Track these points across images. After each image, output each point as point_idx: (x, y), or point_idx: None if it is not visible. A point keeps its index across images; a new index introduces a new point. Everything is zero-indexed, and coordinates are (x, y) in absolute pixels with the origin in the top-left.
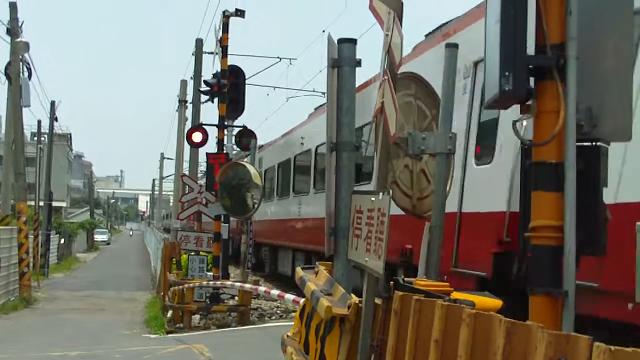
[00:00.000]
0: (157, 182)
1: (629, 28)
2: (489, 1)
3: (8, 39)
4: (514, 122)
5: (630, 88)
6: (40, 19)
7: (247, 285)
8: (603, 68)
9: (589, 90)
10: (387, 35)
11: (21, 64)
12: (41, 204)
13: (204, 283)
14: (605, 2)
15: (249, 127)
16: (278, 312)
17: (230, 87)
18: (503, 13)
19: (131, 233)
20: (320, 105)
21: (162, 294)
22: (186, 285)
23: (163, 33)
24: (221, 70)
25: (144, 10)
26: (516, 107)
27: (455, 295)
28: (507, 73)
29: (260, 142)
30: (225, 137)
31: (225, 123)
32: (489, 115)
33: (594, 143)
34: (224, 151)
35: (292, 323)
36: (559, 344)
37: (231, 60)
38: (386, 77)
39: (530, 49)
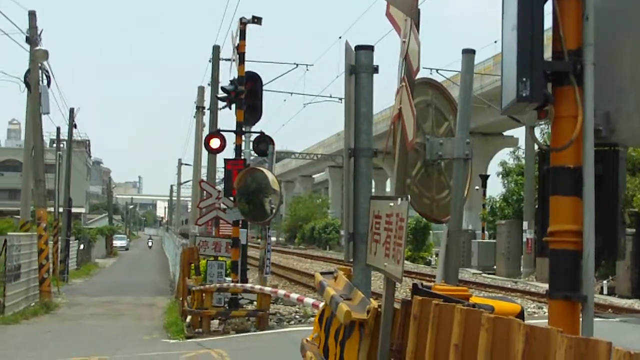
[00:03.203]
0: (175, 188)
1: None
2: (505, 7)
3: (27, 47)
4: (532, 128)
5: None
6: (59, 26)
7: (267, 288)
8: (620, 73)
9: (607, 95)
10: (404, 42)
11: (40, 71)
12: (60, 210)
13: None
14: (621, 7)
15: (266, 133)
16: (297, 316)
17: (247, 94)
18: (520, 19)
19: (150, 243)
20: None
21: (180, 299)
22: (205, 288)
23: (182, 39)
24: (238, 76)
25: (162, 16)
26: None
27: (474, 299)
28: (524, 79)
29: (278, 148)
30: (243, 143)
31: (243, 129)
32: None
33: (612, 148)
34: (242, 157)
35: (311, 328)
36: (579, 349)
37: (248, 67)
38: (404, 84)
39: (547, 55)
